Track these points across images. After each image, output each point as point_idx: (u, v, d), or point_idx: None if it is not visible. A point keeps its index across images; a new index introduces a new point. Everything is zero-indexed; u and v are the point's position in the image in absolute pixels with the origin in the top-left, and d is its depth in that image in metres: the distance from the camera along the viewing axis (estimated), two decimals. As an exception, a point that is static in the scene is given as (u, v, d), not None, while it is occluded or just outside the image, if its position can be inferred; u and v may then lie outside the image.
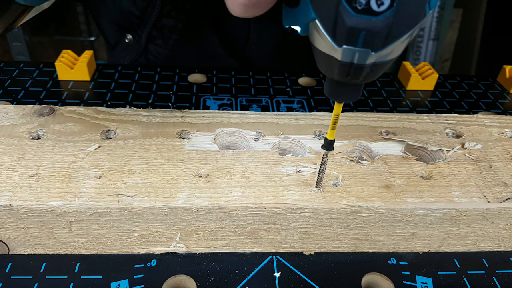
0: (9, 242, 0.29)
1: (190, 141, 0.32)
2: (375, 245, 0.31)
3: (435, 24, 1.21)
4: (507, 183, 0.30)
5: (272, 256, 0.30)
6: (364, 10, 0.17)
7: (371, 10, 0.17)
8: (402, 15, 0.17)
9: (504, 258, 0.32)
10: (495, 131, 0.36)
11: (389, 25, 0.17)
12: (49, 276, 0.28)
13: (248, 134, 0.34)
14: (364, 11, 0.17)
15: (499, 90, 0.53)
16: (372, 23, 0.17)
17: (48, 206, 0.26)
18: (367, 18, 0.17)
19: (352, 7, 0.17)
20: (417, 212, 0.28)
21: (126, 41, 0.58)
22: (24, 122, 0.33)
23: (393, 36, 0.18)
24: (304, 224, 0.29)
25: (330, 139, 0.26)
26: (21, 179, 0.28)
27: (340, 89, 0.22)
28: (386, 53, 0.19)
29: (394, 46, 0.19)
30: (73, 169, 0.29)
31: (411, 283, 0.29)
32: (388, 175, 0.30)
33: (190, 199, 0.27)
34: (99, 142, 0.32)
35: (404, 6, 0.17)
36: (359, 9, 0.17)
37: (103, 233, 0.28)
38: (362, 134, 0.34)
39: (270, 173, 0.30)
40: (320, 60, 0.21)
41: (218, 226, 0.29)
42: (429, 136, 0.35)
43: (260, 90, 0.49)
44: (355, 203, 0.28)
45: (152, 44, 0.57)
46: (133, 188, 0.28)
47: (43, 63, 0.50)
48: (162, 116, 0.35)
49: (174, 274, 0.29)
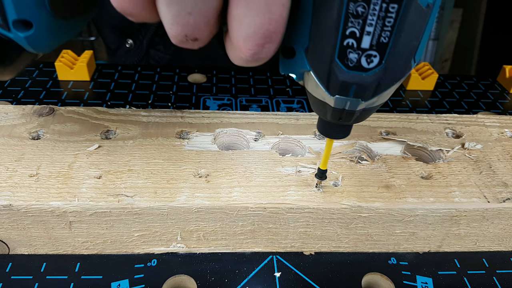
0: (9, 242, 0.29)
1: (190, 141, 0.32)
2: (375, 245, 0.31)
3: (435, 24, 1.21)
4: (507, 183, 0.30)
5: (272, 256, 0.30)
6: (355, 67, 0.18)
7: (361, 67, 0.18)
8: (390, 71, 0.19)
9: (504, 258, 0.32)
10: (495, 131, 0.36)
11: (378, 80, 0.19)
12: (49, 276, 0.28)
13: (248, 134, 0.34)
14: (355, 67, 0.18)
15: (499, 90, 0.53)
16: (362, 78, 0.19)
17: (48, 206, 0.26)
18: (358, 74, 0.18)
19: (344, 64, 0.18)
20: (417, 212, 0.28)
21: (127, 46, 0.58)
22: (24, 122, 0.33)
23: (382, 88, 0.19)
24: (304, 224, 0.29)
25: (323, 169, 0.27)
26: (21, 179, 0.28)
27: (332, 128, 0.24)
28: (375, 101, 0.20)
29: (383, 95, 0.20)
30: (73, 169, 0.29)
31: (411, 283, 0.29)
32: (388, 175, 0.30)
33: (190, 199, 0.27)
34: (99, 142, 0.32)
35: (391, 63, 0.18)
36: (350, 66, 0.18)
37: (103, 233, 0.28)
38: (362, 134, 0.34)
39: (270, 173, 0.30)
40: (314, 104, 0.22)
41: (218, 226, 0.29)
42: (429, 136, 0.35)
43: (260, 90, 0.49)
44: (355, 203, 0.28)
45: (154, 49, 0.57)
46: (133, 188, 0.28)
47: (43, 63, 0.50)
48: (162, 116, 0.35)
49: (174, 274, 0.29)
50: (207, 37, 0.20)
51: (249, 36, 0.18)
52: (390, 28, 0.17)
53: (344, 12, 0.17)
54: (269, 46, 0.19)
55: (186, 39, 0.19)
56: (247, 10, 0.17)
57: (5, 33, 0.22)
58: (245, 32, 0.18)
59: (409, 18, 0.17)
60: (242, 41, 0.18)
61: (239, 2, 0.17)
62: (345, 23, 0.17)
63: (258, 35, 0.18)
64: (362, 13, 0.17)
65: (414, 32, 0.18)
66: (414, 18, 0.17)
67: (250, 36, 0.18)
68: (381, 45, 0.18)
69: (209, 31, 0.19)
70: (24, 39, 0.23)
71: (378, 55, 0.18)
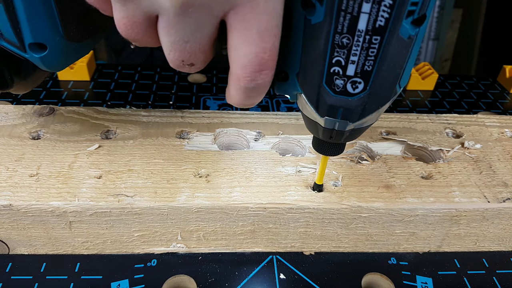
0: (9, 242, 0.29)
1: (190, 141, 0.32)
2: (375, 245, 0.31)
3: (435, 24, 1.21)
4: (507, 183, 0.30)
5: (272, 256, 0.30)
6: (341, 92, 0.20)
7: (347, 92, 0.20)
8: (375, 96, 0.20)
9: (504, 258, 0.32)
10: (495, 131, 0.36)
11: (363, 104, 0.20)
12: (49, 276, 0.28)
13: (248, 134, 0.34)
14: (342, 92, 0.20)
15: (499, 90, 0.53)
16: (348, 102, 0.20)
17: (48, 206, 0.26)
18: (344, 98, 0.20)
19: (331, 89, 0.20)
20: (417, 212, 0.28)
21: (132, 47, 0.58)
22: (24, 122, 0.33)
23: (368, 111, 0.20)
24: (304, 224, 0.29)
25: (319, 184, 0.28)
26: (21, 179, 0.28)
27: (325, 146, 0.25)
28: (364, 122, 0.22)
29: (370, 117, 0.21)
30: (73, 169, 0.29)
31: (411, 283, 0.29)
32: (388, 175, 0.30)
33: (190, 199, 0.27)
34: (99, 142, 0.32)
35: (376, 89, 0.19)
36: (337, 91, 0.20)
37: (103, 233, 0.28)
38: (362, 134, 0.34)
39: (270, 173, 0.30)
40: (307, 123, 0.24)
41: (218, 226, 0.29)
42: (429, 136, 0.35)
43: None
44: (355, 203, 0.28)
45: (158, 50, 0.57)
46: (133, 188, 0.28)
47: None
48: (162, 116, 0.35)
49: (174, 274, 0.29)
50: (203, 63, 0.21)
51: (246, 64, 0.20)
52: (374, 57, 0.18)
53: (331, 42, 0.18)
54: (266, 73, 0.20)
55: (183, 64, 0.21)
56: (243, 41, 0.19)
57: (21, 53, 0.24)
58: (242, 61, 0.19)
59: (391, 49, 0.18)
60: (240, 69, 0.20)
61: (235, 34, 0.19)
62: (331, 53, 0.18)
63: (254, 63, 0.19)
64: (347, 44, 0.18)
65: (397, 61, 0.19)
66: (396, 48, 0.18)
67: (247, 64, 0.20)
68: (365, 72, 0.19)
69: (204, 57, 0.21)
70: (39, 59, 0.24)
71: (362, 82, 0.19)
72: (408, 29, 0.17)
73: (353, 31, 0.17)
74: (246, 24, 0.18)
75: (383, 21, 0.17)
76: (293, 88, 0.22)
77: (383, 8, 0.17)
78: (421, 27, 0.18)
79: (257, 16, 0.18)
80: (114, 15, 0.20)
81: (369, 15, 0.17)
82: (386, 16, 0.17)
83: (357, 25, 0.17)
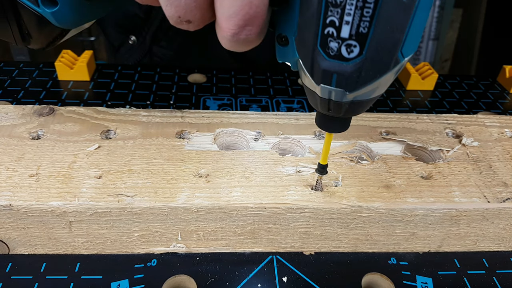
0: (9, 242, 0.29)
1: (190, 141, 0.32)
2: (375, 245, 0.31)
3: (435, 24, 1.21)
4: (507, 183, 0.30)
5: (272, 256, 0.30)
6: (336, 56, 0.19)
7: (342, 56, 0.18)
8: (372, 63, 0.18)
9: (504, 258, 0.32)
10: (495, 131, 0.36)
11: (359, 70, 0.19)
12: (49, 276, 0.28)
13: (248, 134, 0.34)
14: (336, 56, 0.19)
15: (499, 90, 0.53)
16: (343, 67, 0.19)
17: (48, 206, 0.26)
18: (339, 63, 0.19)
19: (325, 52, 0.19)
20: (417, 212, 0.28)
21: (130, 43, 0.58)
22: (24, 122, 0.33)
23: (365, 80, 0.19)
24: (304, 224, 0.29)
25: (323, 164, 0.27)
26: (21, 179, 0.28)
27: (328, 121, 0.24)
28: (363, 93, 0.20)
29: (371, 87, 0.20)
30: (73, 169, 0.29)
31: (411, 283, 0.29)
32: (388, 175, 0.30)
33: (190, 199, 0.27)
34: (99, 142, 0.32)
35: (373, 54, 0.18)
36: (331, 55, 0.19)
37: (103, 233, 0.28)
38: (362, 134, 0.34)
39: (270, 173, 0.30)
40: (307, 94, 0.23)
41: (218, 226, 0.29)
42: (429, 136, 0.35)
43: (260, 90, 0.49)
44: (355, 203, 0.28)
45: (157, 45, 0.57)
46: (133, 188, 0.28)
47: (43, 63, 0.51)
48: (162, 116, 0.35)
49: (174, 274, 0.29)
50: (200, 20, 0.21)
51: (230, 17, 0.19)
52: (369, 18, 0.17)
53: (324, 0, 0.17)
54: (250, 29, 0.19)
55: (180, 20, 0.20)
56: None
57: (35, 8, 0.25)
58: (227, 12, 0.19)
59: (389, 10, 0.17)
60: (224, 20, 0.19)
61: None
62: (325, 12, 0.17)
63: (238, 17, 0.19)
64: (341, 2, 0.17)
65: (396, 24, 0.17)
66: (393, 10, 0.17)
67: (231, 17, 0.19)
68: (360, 35, 0.18)
69: (201, 14, 0.20)
70: (51, 14, 0.25)
71: (358, 45, 0.18)
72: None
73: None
74: None
75: None
76: (293, 54, 0.21)
77: None
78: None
79: None
80: None
81: None
82: None
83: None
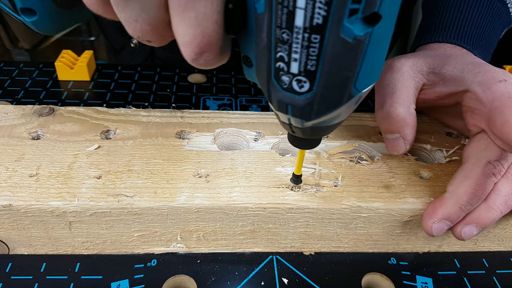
0: (9, 242, 0.29)
1: (190, 141, 0.32)
2: (375, 245, 0.31)
3: (435, 24, 1.21)
4: (507, 183, 0.30)
5: (272, 256, 0.30)
6: (288, 89, 0.19)
7: (293, 90, 0.19)
8: (323, 98, 0.18)
9: (504, 258, 0.32)
10: (495, 131, 0.36)
11: (311, 104, 0.19)
12: (49, 276, 0.28)
13: (248, 134, 0.34)
14: (288, 89, 0.19)
15: (499, 90, 0.52)
16: (296, 100, 0.19)
17: (48, 206, 0.26)
18: (291, 95, 0.19)
19: (279, 84, 0.19)
20: (417, 212, 0.28)
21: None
22: (23, 122, 0.33)
23: (319, 112, 0.19)
24: (304, 224, 0.29)
25: (298, 174, 0.28)
26: (21, 179, 0.28)
27: (296, 140, 0.24)
28: (323, 121, 0.20)
29: (329, 116, 0.20)
30: (73, 169, 0.29)
31: (411, 283, 0.29)
32: (388, 175, 0.30)
33: (190, 199, 0.27)
34: (99, 142, 0.32)
35: (323, 90, 0.18)
36: (284, 87, 0.19)
37: (103, 233, 0.28)
38: (362, 134, 0.34)
39: (270, 173, 0.30)
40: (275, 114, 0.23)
41: (218, 226, 0.29)
42: (429, 136, 0.35)
43: (260, 90, 0.48)
44: (355, 203, 0.28)
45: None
46: (133, 188, 0.28)
47: (43, 63, 0.50)
48: (162, 116, 0.35)
49: (174, 274, 0.29)
50: (161, 40, 0.21)
51: (186, 44, 0.19)
52: (316, 57, 0.17)
53: (273, 36, 0.17)
54: (208, 55, 0.20)
55: (140, 39, 0.21)
56: (181, 22, 0.19)
57: (17, 16, 0.26)
58: (182, 39, 0.19)
59: (335, 50, 0.16)
60: (181, 46, 0.20)
61: (174, 13, 0.19)
62: (275, 47, 0.18)
63: (193, 45, 0.19)
64: (287, 40, 0.17)
65: (344, 63, 0.17)
66: (340, 50, 0.16)
67: (187, 44, 0.19)
68: (309, 72, 0.18)
69: (160, 36, 0.21)
70: (31, 23, 0.26)
71: (308, 81, 0.18)
72: (352, 29, 0.16)
73: (291, 27, 0.16)
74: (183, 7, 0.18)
75: (321, 19, 0.16)
76: None
77: (318, 5, 0.15)
78: (375, 27, 0.16)
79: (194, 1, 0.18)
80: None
81: (305, 11, 0.16)
82: (323, 13, 0.15)
83: (294, 21, 0.16)
